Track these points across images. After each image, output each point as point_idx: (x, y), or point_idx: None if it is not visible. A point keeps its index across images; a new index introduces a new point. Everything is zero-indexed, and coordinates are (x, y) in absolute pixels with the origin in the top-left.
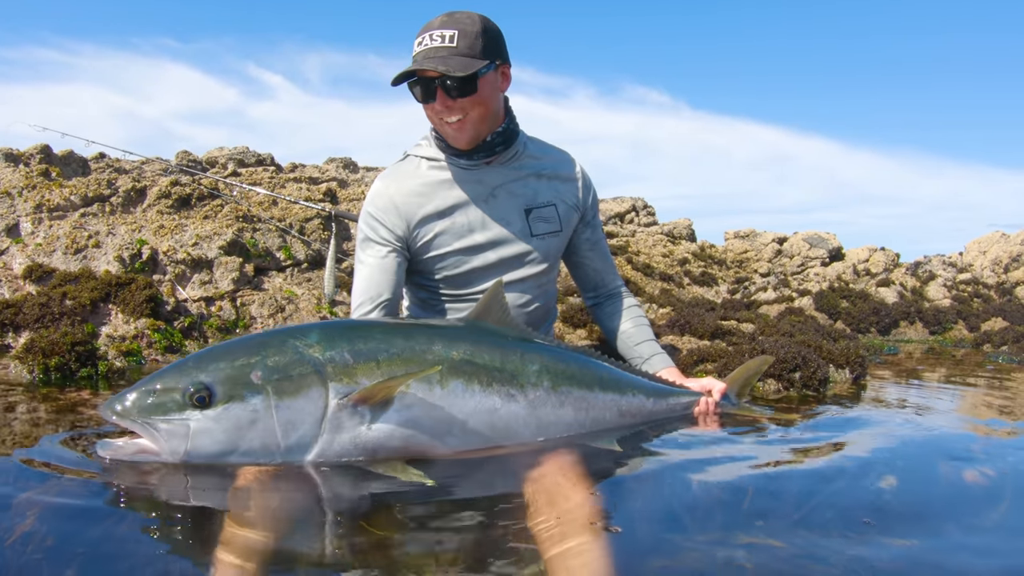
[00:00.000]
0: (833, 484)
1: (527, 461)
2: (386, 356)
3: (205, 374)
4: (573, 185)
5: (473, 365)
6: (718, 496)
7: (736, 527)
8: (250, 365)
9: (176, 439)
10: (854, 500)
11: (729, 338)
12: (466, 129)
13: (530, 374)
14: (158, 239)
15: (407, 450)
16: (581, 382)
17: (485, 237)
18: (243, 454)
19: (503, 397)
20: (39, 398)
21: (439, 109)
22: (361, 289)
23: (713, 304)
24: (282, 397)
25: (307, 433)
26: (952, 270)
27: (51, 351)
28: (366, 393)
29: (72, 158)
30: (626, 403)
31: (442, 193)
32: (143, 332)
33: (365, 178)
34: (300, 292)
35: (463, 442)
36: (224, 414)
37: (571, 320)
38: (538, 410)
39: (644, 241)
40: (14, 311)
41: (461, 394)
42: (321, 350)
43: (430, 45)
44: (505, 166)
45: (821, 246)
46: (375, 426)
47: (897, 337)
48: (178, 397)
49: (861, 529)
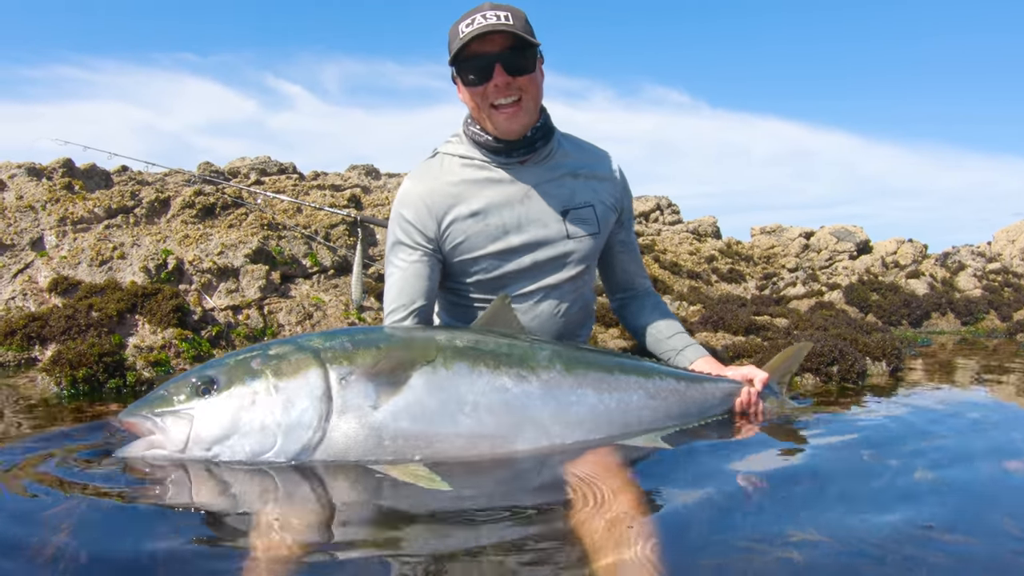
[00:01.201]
0: (879, 479)
1: (568, 462)
2: (387, 343)
3: (211, 369)
4: (610, 184)
5: (478, 351)
6: (767, 492)
7: (786, 523)
8: (251, 357)
9: (180, 428)
10: (903, 496)
11: (764, 333)
12: (520, 115)
13: (540, 358)
14: (183, 249)
15: (417, 431)
16: (598, 365)
17: (521, 240)
18: (244, 435)
19: (514, 378)
20: (67, 412)
21: (496, 88)
22: (393, 295)
23: (743, 300)
24: (280, 378)
25: (307, 411)
26: (981, 260)
27: (78, 363)
28: (368, 368)
29: (95, 171)
30: (654, 385)
31: (475, 193)
32: (171, 342)
33: (388, 184)
34: (327, 299)
35: (477, 422)
36: (226, 398)
37: (602, 319)
38: (554, 391)
39: (670, 239)
40: (40, 324)
41: (467, 375)
42: (321, 341)
43: (484, 23)
44: (540, 165)
45: (848, 239)
46: (381, 406)
47: (929, 329)
48: (186, 391)
49: (913, 527)
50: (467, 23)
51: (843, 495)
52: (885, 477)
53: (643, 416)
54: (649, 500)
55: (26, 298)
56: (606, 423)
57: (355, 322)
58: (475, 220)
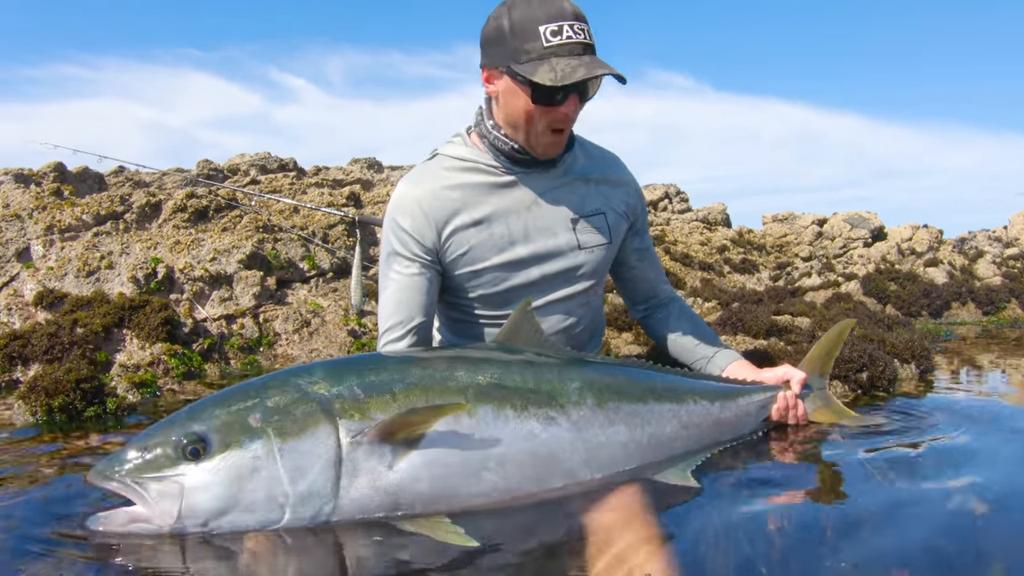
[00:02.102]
0: (915, 512)
1: (583, 507)
2: (402, 387)
3: (199, 423)
4: (623, 190)
5: (503, 389)
6: (796, 536)
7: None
8: (248, 408)
9: (168, 498)
10: (952, 535)
11: (787, 336)
12: (563, 143)
13: (570, 392)
14: (174, 256)
15: (437, 493)
16: (631, 395)
17: (528, 250)
18: (246, 508)
19: (542, 421)
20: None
21: (564, 116)
22: (389, 311)
23: (759, 294)
24: (286, 440)
25: (318, 478)
26: (998, 245)
27: (54, 390)
28: (384, 428)
29: (87, 175)
30: (687, 412)
31: (478, 199)
32: (159, 358)
33: (390, 178)
34: (326, 304)
35: (503, 478)
36: (221, 464)
37: (615, 323)
38: (584, 432)
39: (680, 229)
40: (22, 343)
41: (492, 422)
42: (327, 386)
43: (575, 39)
44: (549, 170)
45: (862, 226)
46: (397, 466)
47: (950, 319)
48: (170, 451)
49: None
50: (553, 29)
51: (882, 537)
52: (928, 509)
53: (675, 447)
54: (670, 548)
55: (11, 313)
56: (637, 460)
57: (355, 328)
58: (478, 229)
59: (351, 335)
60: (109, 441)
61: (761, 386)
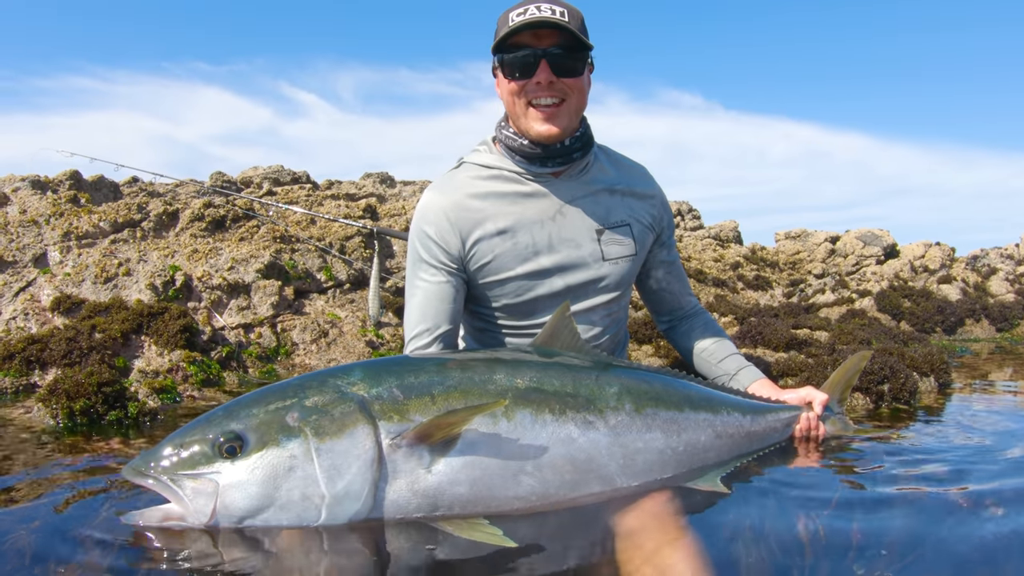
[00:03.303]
0: (944, 523)
1: (617, 510)
2: (441, 389)
3: (236, 422)
4: (649, 202)
5: (542, 392)
6: (825, 541)
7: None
8: (285, 408)
9: (203, 496)
10: (971, 545)
11: (806, 349)
12: (558, 116)
13: (608, 397)
14: (192, 264)
15: (475, 496)
16: (668, 402)
17: (552, 261)
18: (281, 508)
19: (580, 425)
20: (62, 449)
21: (537, 85)
22: (416, 318)
23: (774, 310)
24: (323, 439)
25: (356, 479)
26: (1011, 262)
27: (76, 393)
28: (423, 430)
29: (103, 183)
30: (721, 423)
31: (503, 208)
32: (178, 365)
33: (403, 192)
34: (343, 315)
35: (540, 482)
36: (258, 463)
37: (635, 335)
38: (622, 437)
39: (693, 246)
40: (40, 347)
41: (531, 425)
42: (366, 387)
43: (538, 14)
44: (575, 179)
45: (875, 244)
46: (436, 468)
47: (964, 336)
48: (207, 449)
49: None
50: (519, 11)
51: (907, 544)
52: (950, 521)
53: (708, 457)
54: (703, 552)
55: (28, 318)
56: (672, 467)
57: (373, 339)
58: (503, 238)
59: (369, 345)
60: (131, 445)
61: (787, 405)
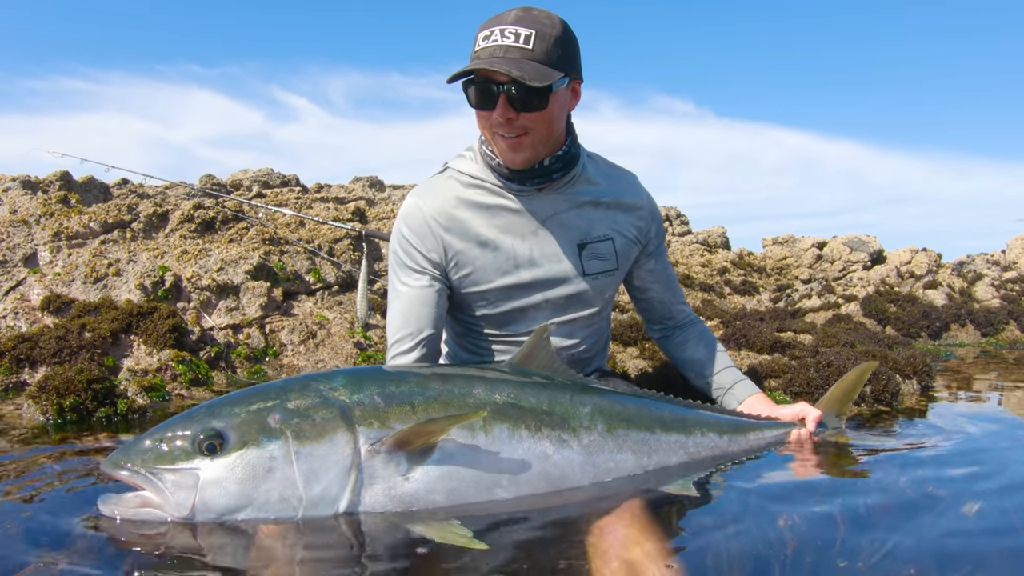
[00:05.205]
0: (924, 518)
1: (589, 513)
2: (422, 399)
3: (217, 419)
4: (634, 215)
5: (519, 409)
6: (807, 538)
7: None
8: (267, 409)
9: (183, 490)
10: (950, 538)
11: (790, 351)
12: (523, 148)
13: (582, 417)
14: (181, 265)
15: (450, 505)
16: (639, 424)
17: (532, 275)
18: (259, 508)
19: (555, 443)
20: (53, 444)
21: (496, 120)
22: (398, 323)
23: (761, 314)
24: (303, 442)
25: (334, 484)
26: (996, 268)
27: (66, 390)
28: (402, 437)
29: (93, 184)
30: (694, 444)
31: (485, 219)
32: (167, 364)
33: (392, 196)
34: (332, 316)
35: (514, 496)
36: (237, 462)
37: (619, 337)
38: (594, 456)
39: (681, 251)
40: (30, 345)
41: (508, 440)
42: (348, 393)
43: (500, 42)
44: (560, 192)
45: (862, 249)
46: (413, 476)
47: (949, 341)
48: (187, 445)
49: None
50: (485, 33)
51: (889, 539)
52: (928, 516)
53: (685, 476)
54: (670, 547)
55: (17, 317)
56: (642, 484)
57: (360, 341)
58: (484, 251)
59: (357, 347)
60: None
61: (775, 422)
